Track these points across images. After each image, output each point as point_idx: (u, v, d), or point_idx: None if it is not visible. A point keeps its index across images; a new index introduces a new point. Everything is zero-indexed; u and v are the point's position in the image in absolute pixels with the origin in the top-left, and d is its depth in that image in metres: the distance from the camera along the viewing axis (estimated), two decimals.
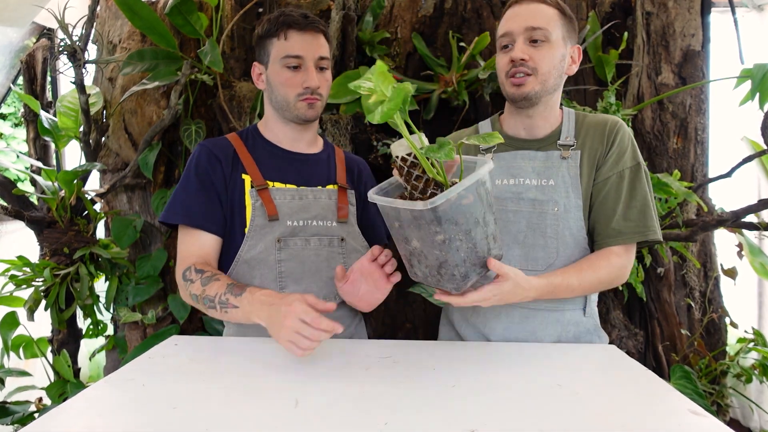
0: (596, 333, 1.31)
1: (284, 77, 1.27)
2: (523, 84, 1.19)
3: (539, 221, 1.23)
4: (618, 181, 1.21)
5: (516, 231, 1.26)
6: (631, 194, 1.20)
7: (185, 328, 2.29)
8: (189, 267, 1.21)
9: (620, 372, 1.00)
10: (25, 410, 2.11)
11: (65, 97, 2.25)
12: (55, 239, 2.14)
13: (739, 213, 1.81)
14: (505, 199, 1.28)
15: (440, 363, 1.04)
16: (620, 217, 1.19)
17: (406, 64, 2.31)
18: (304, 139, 1.39)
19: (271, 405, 0.83)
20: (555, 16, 1.19)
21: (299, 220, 1.29)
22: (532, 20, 1.18)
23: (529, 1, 1.20)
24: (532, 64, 1.18)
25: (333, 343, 1.17)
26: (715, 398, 2.18)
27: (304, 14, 1.28)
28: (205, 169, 1.28)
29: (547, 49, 1.18)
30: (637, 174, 1.22)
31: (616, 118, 1.27)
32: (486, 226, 0.93)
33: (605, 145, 1.23)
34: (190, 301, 1.22)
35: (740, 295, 2.51)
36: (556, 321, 1.26)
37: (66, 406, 0.82)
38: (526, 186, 1.26)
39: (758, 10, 2.59)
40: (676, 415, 0.81)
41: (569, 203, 1.22)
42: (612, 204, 1.20)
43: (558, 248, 1.23)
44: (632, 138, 1.25)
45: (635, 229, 1.18)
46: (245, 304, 1.09)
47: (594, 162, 1.23)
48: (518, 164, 1.28)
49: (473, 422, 0.77)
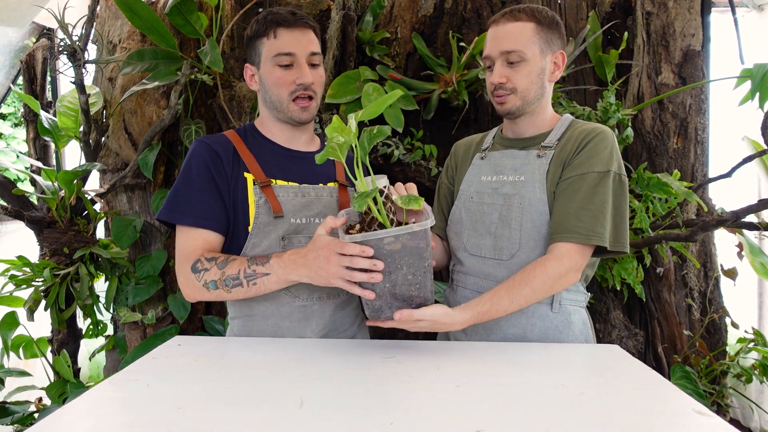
0: (567, 331, 1.29)
1: (276, 76, 1.26)
2: (505, 102, 1.30)
3: (507, 213, 1.31)
4: (579, 181, 1.23)
5: (489, 222, 1.34)
6: (590, 197, 1.21)
7: (185, 328, 2.29)
8: (198, 259, 1.19)
9: (624, 372, 1.00)
10: (25, 410, 2.10)
11: (65, 97, 2.25)
12: (55, 239, 2.14)
13: (739, 213, 1.81)
14: (484, 193, 1.38)
15: (444, 363, 1.04)
16: (572, 216, 1.20)
17: (406, 64, 2.31)
18: (302, 138, 1.38)
19: (276, 405, 0.83)
20: (531, 32, 1.26)
21: (302, 217, 1.29)
22: (507, 44, 1.26)
23: (505, 21, 1.27)
24: (511, 84, 1.28)
25: (336, 343, 1.17)
26: (715, 398, 2.18)
27: (291, 11, 1.27)
28: (206, 165, 1.25)
29: (523, 68, 1.27)
30: (602, 180, 1.22)
31: (604, 127, 1.29)
32: (413, 274, 1.03)
33: (576, 148, 1.26)
34: (203, 293, 1.19)
35: (740, 295, 2.51)
36: (520, 313, 1.28)
37: (70, 406, 0.82)
38: (503, 182, 1.35)
39: (758, 10, 2.60)
40: (681, 415, 0.81)
41: (534, 197, 1.28)
42: (567, 202, 1.22)
43: (521, 239, 1.29)
44: (614, 148, 1.26)
45: (583, 231, 1.19)
46: (276, 268, 1.12)
47: (561, 161, 1.28)
48: (502, 162, 1.37)
49: (479, 422, 0.77)
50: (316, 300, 1.29)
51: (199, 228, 1.23)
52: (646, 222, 1.96)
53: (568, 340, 1.29)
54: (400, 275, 1.02)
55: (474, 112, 2.25)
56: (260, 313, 1.28)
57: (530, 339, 1.29)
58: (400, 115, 2.06)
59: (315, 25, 1.31)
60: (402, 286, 1.04)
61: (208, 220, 1.23)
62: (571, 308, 1.30)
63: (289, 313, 1.27)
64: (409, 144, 2.18)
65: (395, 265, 1.01)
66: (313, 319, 1.28)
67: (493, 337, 1.33)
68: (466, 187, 1.43)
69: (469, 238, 1.39)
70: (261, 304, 1.28)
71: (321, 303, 1.30)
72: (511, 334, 1.31)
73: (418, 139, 2.19)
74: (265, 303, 1.27)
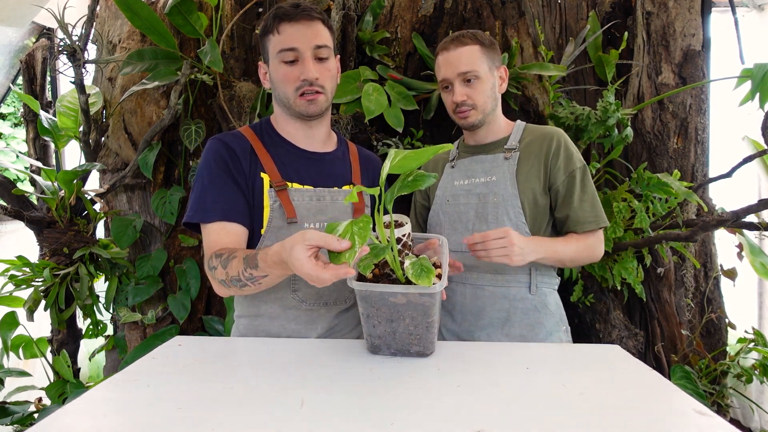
0: (543, 311, 1.44)
1: (282, 72, 1.23)
2: (468, 116, 1.47)
3: (483, 210, 1.46)
4: (570, 180, 1.43)
5: (466, 220, 1.49)
6: (582, 190, 1.43)
7: (185, 328, 2.29)
8: (210, 257, 1.17)
9: (625, 372, 1.00)
10: (25, 410, 2.10)
11: (65, 97, 2.25)
12: (55, 239, 2.14)
13: (739, 213, 1.81)
14: (459, 195, 1.52)
15: (444, 363, 1.04)
16: (578, 209, 1.42)
17: (406, 64, 2.31)
18: (317, 136, 1.35)
19: (277, 405, 0.82)
20: (478, 52, 1.43)
21: (316, 222, 1.27)
22: (462, 65, 1.43)
23: (455, 47, 1.44)
24: (471, 101, 1.45)
25: (336, 343, 1.17)
26: (715, 398, 2.18)
27: (296, 4, 1.22)
28: (225, 161, 1.23)
29: (479, 85, 1.44)
30: (585, 173, 1.45)
31: (557, 129, 1.50)
32: (414, 326, 1.02)
33: (552, 154, 1.44)
34: (223, 289, 1.18)
35: (740, 295, 2.51)
36: (503, 297, 1.44)
37: (70, 406, 0.82)
38: (475, 183, 1.51)
39: (758, 10, 2.60)
40: (682, 415, 0.80)
41: (507, 194, 1.43)
42: (568, 200, 1.43)
43: None
44: (572, 143, 1.48)
45: (592, 219, 1.41)
46: (268, 269, 1.07)
47: (539, 165, 1.45)
48: (472, 167, 1.53)
49: (480, 422, 0.76)
50: (323, 305, 1.29)
51: (223, 221, 1.20)
52: (646, 222, 1.96)
53: (545, 319, 1.45)
54: (401, 325, 1.02)
55: None
56: (267, 313, 1.28)
57: (513, 321, 1.44)
58: (400, 115, 2.06)
59: (322, 16, 1.25)
60: (402, 335, 1.03)
61: (232, 213, 1.21)
62: (546, 290, 1.47)
63: (296, 316, 1.27)
64: (409, 144, 2.18)
65: (398, 315, 1.00)
66: (318, 322, 1.28)
67: (480, 322, 1.45)
68: (441, 193, 1.57)
69: (449, 236, 1.50)
70: (268, 304, 1.27)
71: (327, 308, 1.30)
72: (496, 318, 1.44)
73: (418, 139, 2.19)
74: (272, 304, 1.27)
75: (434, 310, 1.00)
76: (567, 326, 1.51)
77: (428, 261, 0.97)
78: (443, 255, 1.08)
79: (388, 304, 0.99)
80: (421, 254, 1.14)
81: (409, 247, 1.09)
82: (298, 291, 1.26)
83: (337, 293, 1.30)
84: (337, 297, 1.30)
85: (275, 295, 1.27)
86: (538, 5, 2.30)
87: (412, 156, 0.93)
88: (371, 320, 1.03)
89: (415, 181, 0.97)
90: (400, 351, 1.06)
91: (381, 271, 1.05)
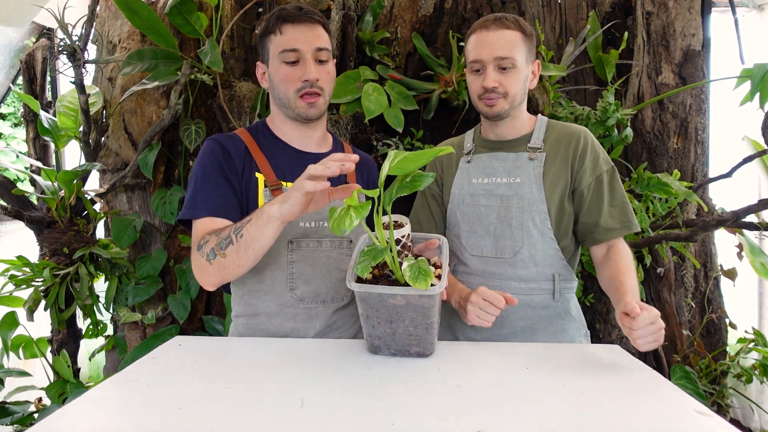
0: (567, 318, 1.38)
1: (283, 73, 1.24)
2: (495, 105, 1.36)
3: (506, 214, 1.37)
4: (598, 185, 1.36)
5: (487, 223, 1.40)
6: (611, 194, 1.36)
7: (185, 328, 2.29)
8: (202, 236, 1.16)
9: (625, 372, 1.00)
10: (25, 410, 2.10)
11: (65, 97, 2.25)
12: (55, 239, 2.14)
13: (739, 213, 1.81)
14: (479, 195, 1.43)
15: (444, 363, 1.04)
16: (607, 216, 1.34)
17: (406, 64, 2.31)
18: (313, 137, 1.36)
19: (276, 405, 0.83)
20: (519, 40, 1.33)
21: (311, 221, 1.28)
22: (501, 50, 1.31)
23: (496, 28, 1.33)
24: (502, 89, 1.34)
25: (336, 343, 1.17)
26: (715, 398, 2.18)
27: (298, 7, 1.25)
28: (219, 161, 1.24)
29: (514, 74, 1.34)
30: (613, 176, 1.38)
31: (583, 128, 1.41)
32: (414, 327, 1.02)
33: (579, 155, 1.36)
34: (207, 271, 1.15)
35: (740, 295, 2.51)
36: (527, 305, 1.37)
37: (70, 406, 0.82)
38: (497, 183, 1.41)
39: (758, 10, 2.59)
40: (683, 415, 0.80)
41: (533, 197, 1.35)
42: (597, 206, 1.35)
43: (523, 238, 1.36)
44: (599, 144, 1.40)
45: (620, 225, 1.34)
46: (256, 211, 1.08)
47: (566, 167, 1.37)
48: (492, 165, 1.43)
49: (480, 422, 0.77)
50: (320, 303, 1.29)
51: (214, 217, 1.21)
52: (646, 222, 1.96)
53: (569, 326, 1.38)
54: (401, 326, 1.02)
55: (474, 112, 2.24)
56: (265, 312, 1.28)
57: (537, 329, 1.37)
58: (400, 115, 2.06)
59: (323, 20, 1.28)
60: (402, 336, 1.03)
61: (222, 210, 1.21)
62: (568, 296, 1.40)
63: (294, 314, 1.27)
64: (409, 144, 2.18)
65: (398, 317, 1.00)
66: (316, 319, 1.29)
67: (503, 331, 1.38)
68: (457, 191, 1.47)
69: (468, 239, 1.43)
70: (266, 303, 1.28)
71: (325, 306, 1.30)
72: (519, 327, 1.37)
73: (418, 139, 2.19)
74: (270, 303, 1.27)
75: (434, 311, 1.00)
76: (586, 329, 1.45)
77: (426, 263, 0.97)
78: (443, 255, 1.08)
79: (387, 306, 0.99)
80: (420, 255, 1.14)
81: (409, 248, 1.09)
82: (295, 289, 1.27)
83: (335, 291, 1.30)
84: (334, 294, 1.30)
85: (273, 294, 1.27)
86: (538, 5, 2.30)
87: (412, 158, 0.93)
88: (371, 321, 1.03)
89: (413, 181, 0.96)
90: (399, 351, 1.06)
91: (380, 272, 1.05)
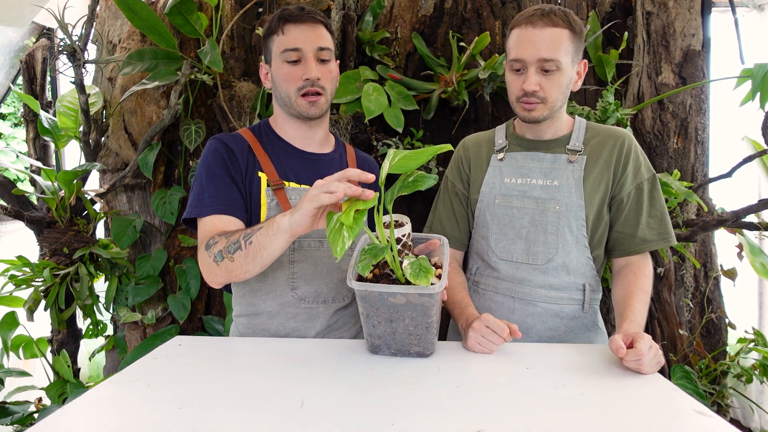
0: (594, 330, 1.35)
1: (284, 72, 1.26)
2: (534, 110, 1.27)
3: (541, 218, 1.31)
4: (638, 193, 1.29)
5: (519, 226, 1.33)
6: (651, 204, 1.30)
7: (185, 329, 2.29)
8: (212, 236, 1.16)
9: (625, 372, 1.00)
10: (25, 410, 2.10)
11: (65, 97, 2.25)
12: (55, 239, 2.14)
13: (739, 213, 1.81)
14: (512, 196, 1.35)
15: (445, 363, 1.04)
16: (644, 227, 1.28)
17: (406, 64, 2.31)
18: (315, 137, 1.36)
19: (276, 405, 0.83)
20: (566, 39, 1.21)
21: None
22: (545, 51, 1.20)
23: (543, 25, 1.21)
24: (543, 93, 1.25)
25: (336, 343, 1.17)
26: (715, 398, 2.18)
27: (300, 7, 1.26)
28: (223, 160, 1.24)
29: (557, 77, 1.23)
30: (654, 184, 1.31)
31: (625, 131, 1.34)
32: (414, 326, 1.02)
33: (621, 162, 1.30)
34: (214, 271, 1.14)
35: (740, 295, 2.51)
36: (555, 315, 1.32)
37: (70, 406, 0.82)
38: (532, 185, 1.33)
39: (758, 10, 2.59)
40: (682, 415, 0.81)
41: (571, 203, 1.29)
42: (635, 215, 1.29)
43: (557, 245, 1.30)
44: (641, 149, 1.33)
45: (657, 236, 1.28)
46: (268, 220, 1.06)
47: (608, 173, 1.30)
48: (527, 165, 1.36)
49: (480, 422, 0.77)
50: (321, 303, 1.30)
51: (221, 215, 1.20)
52: None
53: (597, 338, 1.35)
54: (401, 326, 1.02)
55: (474, 112, 2.25)
56: (266, 311, 1.28)
57: (564, 340, 1.32)
58: (400, 115, 2.06)
59: (325, 20, 1.29)
60: (402, 335, 1.04)
61: (228, 208, 1.21)
62: (596, 307, 1.37)
63: (295, 314, 1.28)
64: (409, 144, 2.17)
65: (398, 316, 1.00)
66: (317, 319, 1.29)
67: (528, 341, 1.32)
68: (488, 190, 1.39)
69: (497, 242, 1.36)
70: (267, 303, 1.28)
71: (326, 306, 1.30)
72: (545, 338, 1.33)
73: (418, 139, 2.19)
74: (271, 302, 1.28)
75: (434, 310, 1.00)
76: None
77: (427, 261, 0.98)
78: (444, 255, 1.08)
79: (388, 305, 0.99)
80: (421, 254, 1.14)
81: (409, 248, 1.09)
82: (296, 289, 1.27)
83: (335, 291, 1.31)
84: (335, 294, 1.31)
85: (274, 293, 1.27)
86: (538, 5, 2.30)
87: (412, 156, 0.93)
88: (371, 320, 1.03)
89: (415, 181, 0.96)
90: (400, 351, 1.06)
91: (381, 271, 1.05)
